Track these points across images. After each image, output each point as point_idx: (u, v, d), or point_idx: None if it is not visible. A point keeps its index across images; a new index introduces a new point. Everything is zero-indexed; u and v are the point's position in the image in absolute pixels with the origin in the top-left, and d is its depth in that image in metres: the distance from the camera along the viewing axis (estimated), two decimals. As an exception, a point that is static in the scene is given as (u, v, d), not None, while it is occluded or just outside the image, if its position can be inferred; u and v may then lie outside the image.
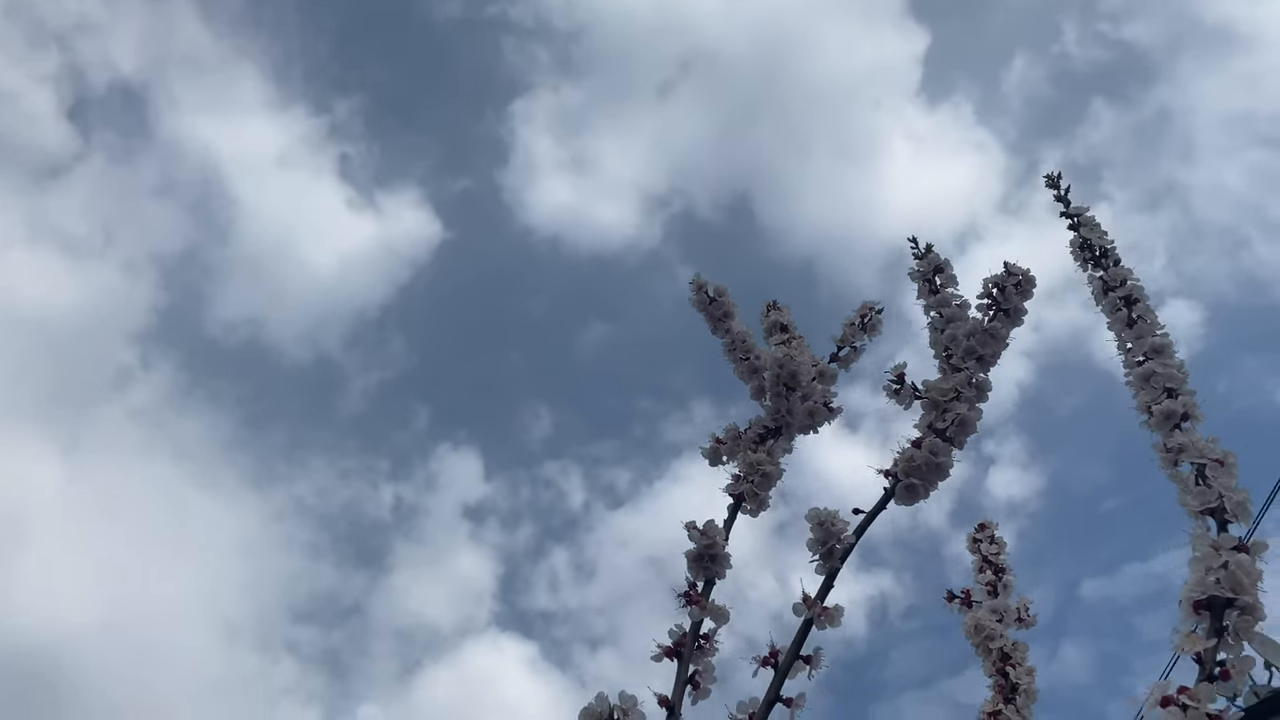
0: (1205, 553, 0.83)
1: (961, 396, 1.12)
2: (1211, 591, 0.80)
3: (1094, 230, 1.28)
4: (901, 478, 1.06)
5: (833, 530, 1.03)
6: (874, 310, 1.35)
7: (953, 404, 1.11)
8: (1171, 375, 1.04)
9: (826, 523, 1.04)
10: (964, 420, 1.10)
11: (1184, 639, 0.79)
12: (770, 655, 0.97)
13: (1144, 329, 1.13)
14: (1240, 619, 0.79)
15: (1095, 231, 1.27)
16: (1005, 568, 1.43)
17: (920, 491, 1.06)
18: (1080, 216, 1.30)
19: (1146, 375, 1.06)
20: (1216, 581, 0.81)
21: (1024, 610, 1.38)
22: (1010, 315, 1.21)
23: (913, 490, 1.06)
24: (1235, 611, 0.79)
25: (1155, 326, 1.13)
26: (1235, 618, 0.79)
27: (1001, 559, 1.45)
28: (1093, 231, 1.27)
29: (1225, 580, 0.81)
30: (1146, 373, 1.06)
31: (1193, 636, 0.79)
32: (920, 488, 1.06)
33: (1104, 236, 1.26)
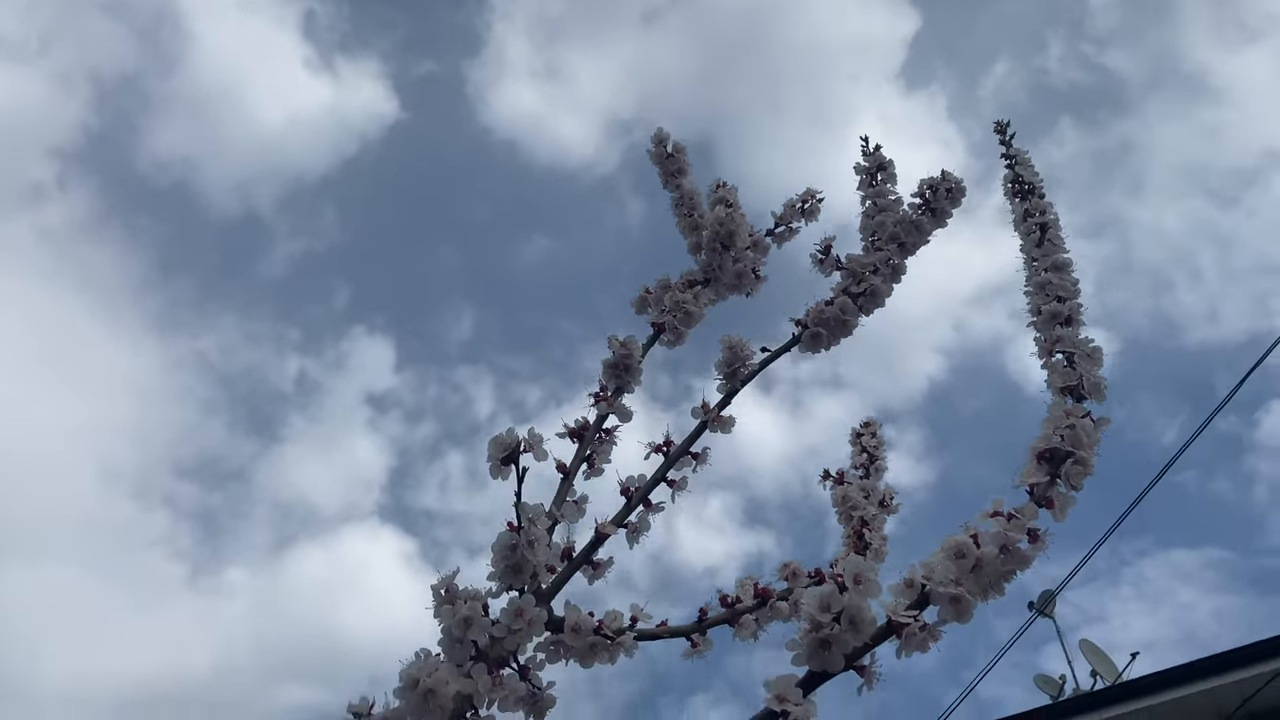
0: (1056, 415, 0.95)
1: (879, 272, 1.23)
2: (1054, 444, 0.92)
3: (1027, 169, 1.38)
4: (810, 326, 1.16)
5: (740, 355, 1.13)
6: (815, 197, 1.44)
7: (869, 276, 1.21)
8: (1064, 286, 1.15)
9: (736, 347, 1.13)
10: (875, 291, 1.20)
11: (1023, 475, 0.91)
12: (665, 444, 1.07)
13: (1050, 250, 1.24)
14: (1073, 468, 0.91)
15: (1028, 170, 1.38)
16: (879, 458, 1.55)
17: (824, 341, 1.17)
18: (1018, 157, 1.40)
19: (1043, 284, 1.17)
20: (1061, 438, 0.93)
21: (889, 497, 1.51)
22: (936, 215, 1.32)
23: (817, 339, 1.16)
24: (1071, 461, 0.91)
25: (1061, 250, 1.24)
26: (1069, 466, 0.91)
27: (879, 451, 1.57)
28: (1026, 169, 1.37)
29: (1069, 437, 0.92)
30: (1044, 281, 1.17)
31: (1031, 470, 0.90)
32: (824, 338, 1.17)
33: (1035, 175, 1.37)
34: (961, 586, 0.80)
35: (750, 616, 1.03)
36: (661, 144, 1.45)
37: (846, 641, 0.74)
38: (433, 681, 0.75)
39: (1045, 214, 1.29)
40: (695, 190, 1.44)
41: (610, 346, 1.17)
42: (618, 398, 1.14)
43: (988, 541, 0.82)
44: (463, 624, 0.80)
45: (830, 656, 0.74)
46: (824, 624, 0.74)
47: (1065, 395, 1.01)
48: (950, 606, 0.79)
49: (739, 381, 1.13)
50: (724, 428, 1.10)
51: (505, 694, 0.80)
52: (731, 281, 1.35)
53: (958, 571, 0.80)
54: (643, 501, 1.03)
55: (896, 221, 1.29)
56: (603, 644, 0.85)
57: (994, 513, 0.85)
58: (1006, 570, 0.83)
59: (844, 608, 0.74)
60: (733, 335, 1.15)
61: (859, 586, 0.75)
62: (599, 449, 1.08)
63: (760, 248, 1.39)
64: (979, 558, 0.81)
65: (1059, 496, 0.90)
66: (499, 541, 0.87)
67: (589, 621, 0.85)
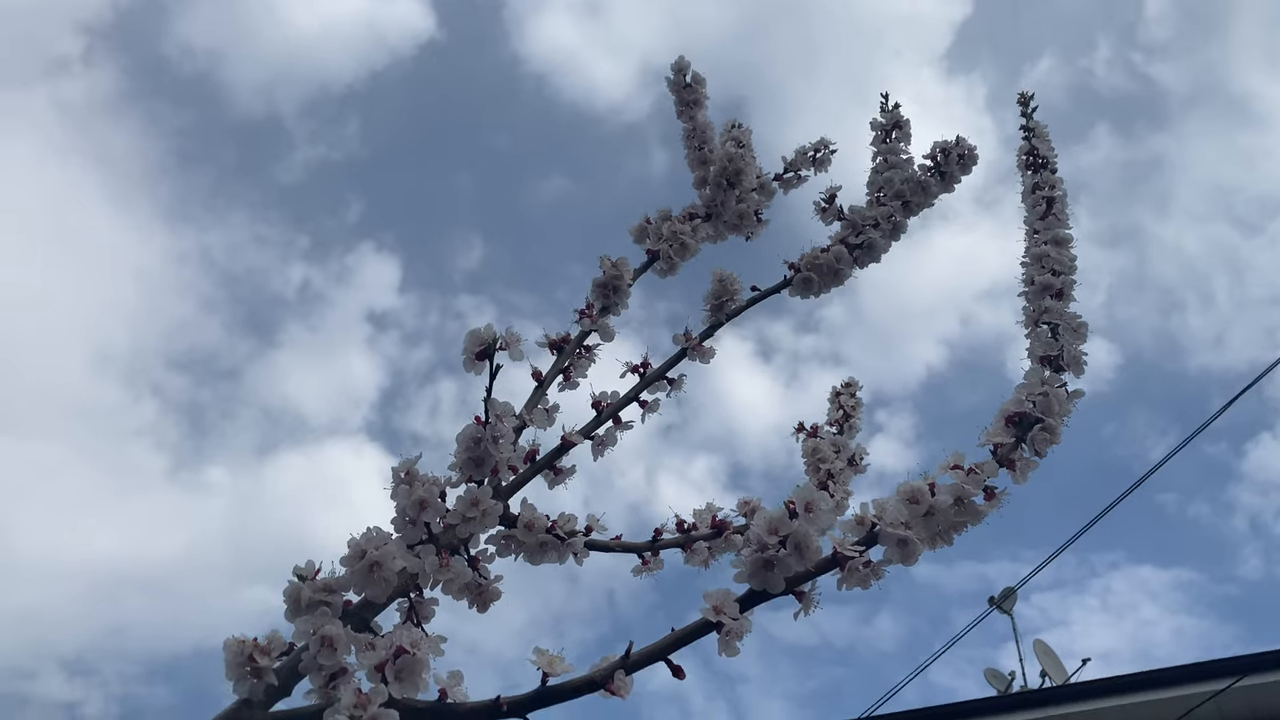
0: (1031, 382, 0.96)
1: (879, 227, 1.22)
2: (1025, 409, 0.93)
3: (1044, 143, 1.37)
4: (802, 270, 1.16)
5: (728, 288, 1.13)
6: (827, 147, 1.43)
7: (869, 230, 1.21)
8: (1061, 260, 1.15)
9: (726, 280, 1.13)
10: (873, 244, 1.20)
11: (989, 433, 0.91)
12: (642, 365, 1.07)
13: (1053, 224, 1.23)
14: (1040, 434, 0.91)
15: (1044, 144, 1.37)
16: (855, 417, 1.55)
17: (814, 287, 1.17)
18: (1036, 129, 1.39)
19: (1041, 255, 1.17)
20: (1033, 404, 0.93)
21: (859, 457, 1.52)
22: (945, 179, 1.31)
23: (808, 284, 1.16)
24: (1039, 427, 0.91)
25: (1065, 225, 1.23)
26: (1036, 431, 0.91)
27: (856, 411, 1.58)
28: (1042, 143, 1.36)
29: (1040, 404, 0.93)
30: (1042, 254, 1.17)
31: (997, 430, 0.91)
32: (815, 284, 1.17)
33: (1050, 150, 1.36)
34: (911, 530, 0.80)
35: (704, 544, 1.04)
36: (681, 72, 1.44)
37: (789, 565, 0.75)
38: (380, 555, 0.76)
39: (1054, 189, 1.29)
40: (709, 125, 1.43)
41: (601, 265, 1.17)
42: (603, 316, 1.14)
43: (943, 491, 0.83)
44: (417, 505, 0.81)
45: (772, 577, 0.75)
46: (770, 545, 0.75)
47: (1044, 365, 1.01)
48: (897, 548, 0.80)
49: (724, 315, 1.13)
50: (703, 357, 1.10)
51: (451, 577, 0.81)
52: (733, 220, 1.34)
53: (909, 515, 0.81)
54: (613, 418, 1.03)
55: (904, 180, 1.28)
56: (553, 543, 0.86)
57: (954, 465, 0.86)
58: (958, 521, 0.83)
59: (791, 532, 0.75)
60: (724, 269, 1.15)
61: (809, 514, 0.76)
62: (576, 363, 1.08)
63: (766, 191, 1.39)
64: (932, 505, 0.82)
65: (1022, 460, 0.90)
66: (463, 433, 0.88)
67: (542, 520, 0.86)
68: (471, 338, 0.91)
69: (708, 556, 1.04)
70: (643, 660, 0.72)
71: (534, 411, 0.99)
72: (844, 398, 1.60)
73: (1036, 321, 1.08)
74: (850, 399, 1.59)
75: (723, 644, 0.73)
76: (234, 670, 0.70)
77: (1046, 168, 1.33)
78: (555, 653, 0.71)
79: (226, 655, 0.70)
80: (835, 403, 1.60)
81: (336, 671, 0.72)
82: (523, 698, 0.71)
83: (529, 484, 0.95)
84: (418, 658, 0.70)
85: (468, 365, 0.91)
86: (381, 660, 0.69)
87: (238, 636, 0.71)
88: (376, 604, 0.79)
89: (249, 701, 0.70)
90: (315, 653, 0.71)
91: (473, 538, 0.86)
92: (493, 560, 0.88)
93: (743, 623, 0.75)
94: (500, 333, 0.91)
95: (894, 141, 1.37)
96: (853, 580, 0.79)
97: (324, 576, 0.78)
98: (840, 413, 1.56)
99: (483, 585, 0.86)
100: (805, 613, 0.79)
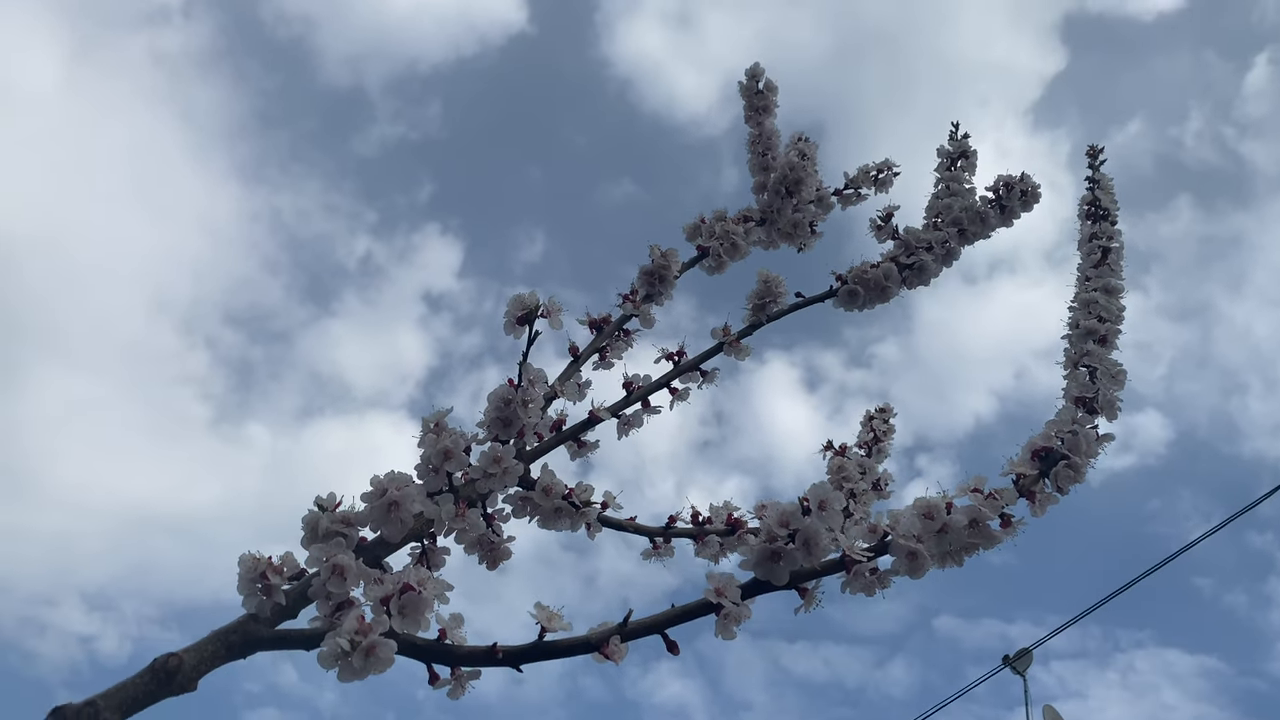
0: (1062, 419, 0.96)
1: (932, 250, 1.22)
2: (1052, 444, 0.93)
3: (1107, 194, 1.37)
4: (849, 282, 1.17)
5: (772, 290, 1.14)
6: (890, 169, 1.44)
7: (921, 252, 1.21)
8: (1108, 308, 1.15)
9: (771, 282, 1.14)
10: (924, 267, 1.20)
11: (1013, 463, 0.91)
12: (677, 354, 1.08)
13: (1106, 273, 1.23)
14: (1064, 470, 0.91)
15: (1108, 195, 1.36)
16: (885, 441, 1.55)
17: (859, 301, 1.17)
18: (1101, 181, 1.39)
19: (1089, 301, 1.16)
20: (1061, 441, 0.93)
21: (884, 482, 1.52)
22: (1004, 213, 1.31)
23: (853, 296, 1.17)
24: (1064, 463, 0.91)
25: (1117, 276, 1.23)
26: (1060, 467, 0.91)
27: (887, 436, 1.58)
28: (1106, 195, 1.36)
29: (1068, 441, 0.93)
30: (1090, 299, 1.16)
31: (1022, 461, 0.91)
32: (860, 298, 1.17)
33: (1113, 202, 1.36)
34: (922, 544, 0.81)
35: (716, 538, 1.05)
36: (754, 78, 1.45)
37: (796, 559, 0.76)
38: (400, 495, 0.78)
39: (1112, 240, 1.28)
40: (775, 133, 1.44)
41: (651, 254, 1.18)
42: (646, 303, 1.15)
43: (959, 511, 0.83)
44: (441, 455, 0.83)
45: (777, 569, 0.76)
46: (779, 537, 0.76)
47: (1078, 405, 1.01)
48: (906, 560, 0.81)
49: (765, 316, 1.14)
50: (739, 354, 1.11)
51: (465, 528, 0.83)
52: (786, 229, 1.35)
53: (922, 530, 0.82)
54: (642, 401, 1.04)
55: (964, 208, 1.28)
56: (567, 510, 0.87)
57: (974, 489, 0.86)
58: (971, 543, 0.83)
59: (801, 528, 0.76)
60: (770, 272, 1.16)
61: (821, 512, 0.77)
62: (614, 345, 1.10)
63: (824, 204, 1.40)
64: (946, 523, 0.82)
65: (1043, 494, 0.90)
66: (495, 393, 0.89)
67: (560, 486, 0.87)
68: (515, 302, 0.92)
69: (719, 551, 1.05)
70: (640, 630, 0.73)
71: (566, 385, 1.01)
72: (876, 421, 1.60)
73: (1076, 364, 1.07)
74: (883, 424, 1.59)
75: (720, 626, 0.74)
76: (246, 585, 0.73)
77: (1107, 219, 1.32)
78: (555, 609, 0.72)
79: (240, 569, 0.73)
80: (867, 425, 1.60)
81: (344, 601, 0.74)
82: (519, 648, 0.72)
83: (552, 453, 0.97)
84: (423, 596, 0.71)
85: (508, 328, 0.92)
86: (387, 594, 0.71)
87: (253, 553, 0.73)
88: (391, 544, 0.81)
89: (255, 617, 0.73)
90: (325, 580, 0.73)
91: (491, 495, 0.88)
92: (508, 520, 0.89)
93: (742, 609, 0.75)
94: (543, 300, 0.93)
95: (958, 170, 1.37)
96: (857, 585, 0.80)
97: (344, 510, 0.80)
98: (871, 435, 1.56)
99: (495, 543, 0.88)
100: (806, 609, 0.79)
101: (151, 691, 0.67)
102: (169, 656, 0.68)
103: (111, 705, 0.65)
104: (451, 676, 0.72)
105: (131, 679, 0.67)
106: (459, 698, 0.72)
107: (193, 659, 0.69)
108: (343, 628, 0.68)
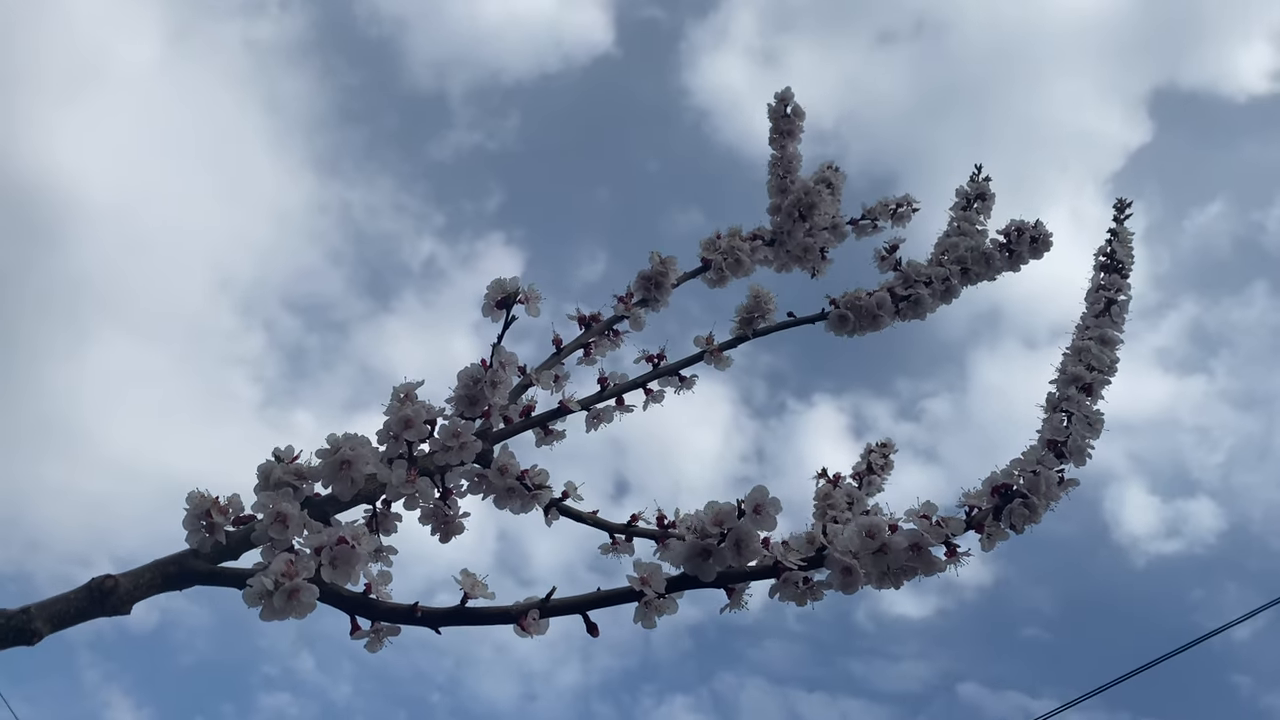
0: (1028, 458, 0.96)
1: (931, 285, 1.23)
2: (1013, 482, 0.93)
3: (1124, 248, 1.36)
4: (840, 307, 1.18)
5: (761, 305, 1.15)
6: (910, 204, 1.44)
7: (920, 286, 1.22)
8: (1100, 359, 1.14)
9: (761, 298, 1.15)
10: (919, 300, 1.21)
11: (968, 496, 0.92)
12: (658, 357, 1.10)
13: (1106, 324, 1.22)
14: (1019, 508, 0.91)
15: (1124, 249, 1.36)
16: (880, 476, 1.55)
17: (850, 326, 1.18)
18: (1120, 234, 1.38)
19: (1082, 349, 1.16)
20: (1022, 480, 0.93)
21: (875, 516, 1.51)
22: (1013, 258, 1.31)
23: (843, 321, 1.17)
24: (1020, 501, 0.91)
25: (1119, 326, 1.22)
26: (1016, 505, 0.91)
27: (883, 472, 1.57)
28: (1123, 248, 1.35)
29: (1029, 481, 0.93)
30: (1084, 347, 1.16)
31: (979, 494, 0.91)
32: (851, 323, 1.18)
33: (1129, 256, 1.35)
34: (857, 561, 0.81)
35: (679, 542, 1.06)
36: (784, 103, 1.47)
37: (725, 558, 0.77)
38: (352, 455, 0.81)
39: (1120, 293, 1.28)
40: (797, 157, 1.46)
41: (651, 260, 1.20)
42: (640, 307, 1.17)
43: (902, 534, 0.83)
44: (402, 422, 0.86)
45: (706, 566, 0.77)
46: (711, 535, 0.77)
47: (1049, 448, 1.01)
48: (839, 575, 0.81)
49: (751, 331, 1.15)
50: (720, 364, 1.12)
51: (415, 494, 0.85)
52: (797, 252, 1.37)
53: (861, 547, 0.82)
54: (616, 397, 1.06)
55: (970, 248, 1.28)
56: (520, 491, 0.89)
57: (922, 514, 0.86)
58: (910, 566, 0.84)
59: (735, 528, 0.77)
60: (762, 287, 1.17)
61: (756, 515, 0.78)
62: (599, 343, 1.12)
63: (838, 232, 1.41)
64: (886, 543, 0.82)
65: (995, 529, 0.90)
66: (465, 371, 0.92)
67: (515, 467, 0.89)
68: (495, 285, 0.95)
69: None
70: (561, 608, 0.75)
71: (543, 374, 1.03)
72: (875, 455, 1.59)
73: (1056, 407, 1.07)
74: (881, 458, 1.59)
75: (640, 613, 0.75)
76: (191, 521, 0.76)
77: (1119, 271, 1.32)
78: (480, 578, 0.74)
79: (188, 504, 0.76)
80: (865, 458, 1.60)
81: (288, 550, 0.76)
82: (439, 610, 0.74)
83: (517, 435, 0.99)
84: (355, 551, 0.74)
85: (486, 310, 0.95)
86: (322, 543, 0.74)
87: (202, 490, 0.76)
88: (341, 502, 0.83)
89: (196, 553, 0.75)
90: (268, 525, 0.76)
91: (450, 470, 0.90)
92: (465, 495, 0.91)
93: (667, 602, 0.77)
94: (523, 286, 0.95)
95: (973, 211, 1.37)
96: (786, 593, 0.80)
97: (300, 464, 0.83)
98: (866, 467, 1.56)
99: (449, 516, 0.90)
100: (732, 608, 0.80)
101: (84, 609, 0.70)
102: (105, 577, 0.71)
103: (44, 615, 0.68)
104: (371, 629, 0.75)
105: (67, 594, 0.70)
106: (376, 651, 0.75)
107: (129, 583, 0.72)
108: (270, 567, 0.70)
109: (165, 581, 0.74)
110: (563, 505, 0.97)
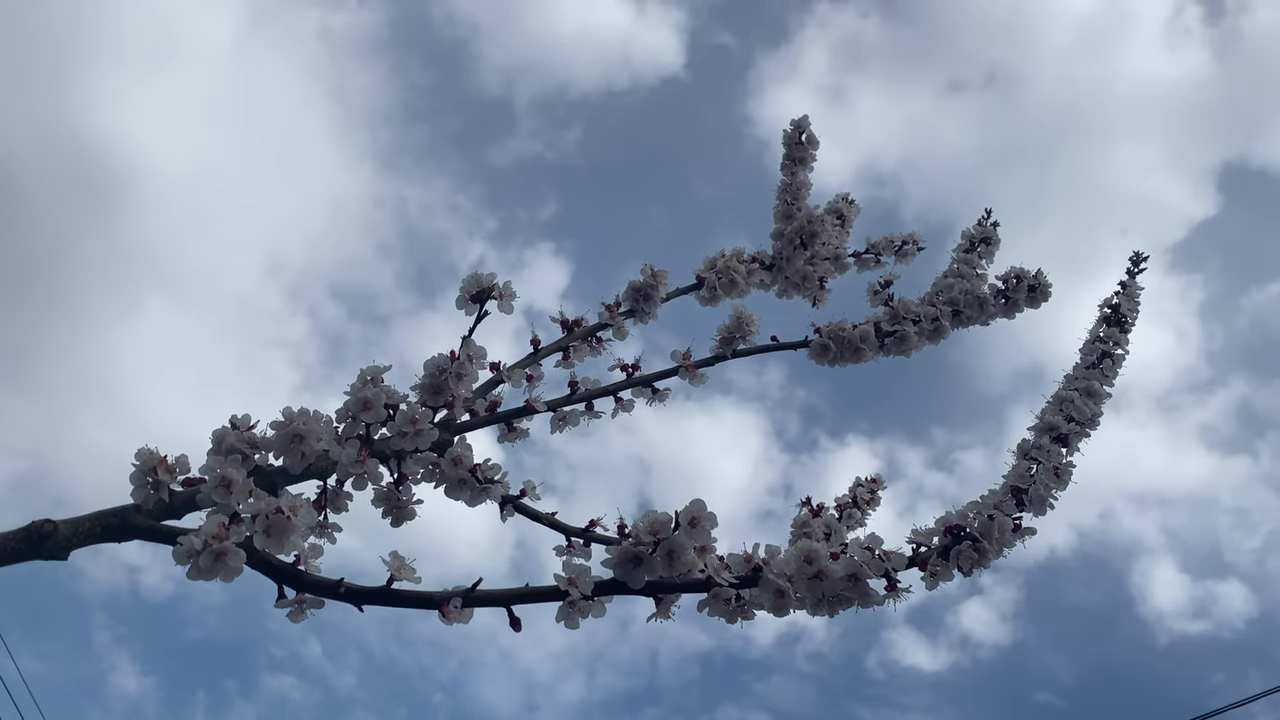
0: (986, 501, 0.95)
1: (919, 324, 1.23)
2: (965, 524, 0.92)
3: (1131, 303, 1.35)
4: (823, 336, 1.18)
5: (743, 326, 1.16)
6: (916, 243, 1.44)
7: (907, 324, 1.22)
8: (1081, 410, 1.13)
9: (744, 319, 1.16)
10: (904, 337, 1.20)
11: (916, 532, 0.91)
12: (633, 367, 1.11)
13: (1096, 376, 1.21)
14: (967, 550, 0.90)
15: (1130, 304, 1.35)
16: (864, 511, 1.54)
17: (830, 355, 1.18)
18: (1129, 289, 1.37)
19: (1065, 399, 1.15)
20: (976, 522, 0.92)
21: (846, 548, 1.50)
22: (1008, 305, 1.30)
23: (824, 350, 1.17)
24: (970, 544, 0.90)
25: (1110, 380, 1.21)
26: (965, 547, 0.90)
27: (868, 507, 1.56)
28: (1129, 303, 1.34)
29: (982, 525, 0.92)
30: (1067, 397, 1.15)
31: (929, 533, 0.90)
32: (832, 353, 1.18)
33: (1134, 311, 1.34)
34: (791, 584, 0.81)
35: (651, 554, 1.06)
36: (799, 130, 1.47)
37: (655, 568, 0.77)
38: (305, 429, 0.83)
39: (1117, 346, 1.27)
40: (806, 184, 1.46)
41: (642, 271, 1.21)
42: (625, 317, 1.18)
43: (840, 562, 0.83)
44: (360, 403, 0.87)
45: (635, 573, 0.78)
46: (644, 543, 0.77)
47: (1011, 494, 1.00)
48: (770, 596, 0.81)
49: (730, 351, 1.15)
50: (695, 381, 1.13)
51: (364, 474, 0.86)
52: (795, 279, 1.37)
53: (797, 572, 0.82)
54: (585, 402, 1.07)
55: (964, 291, 1.28)
56: (471, 483, 0.90)
57: (867, 546, 0.86)
58: (846, 596, 0.83)
59: (668, 539, 0.77)
60: (745, 308, 1.18)
61: (691, 528, 0.78)
62: (579, 348, 1.13)
63: (839, 264, 1.41)
64: (823, 570, 0.82)
65: (940, 568, 0.90)
66: (431, 360, 0.93)
67: (469, 459, 0.90)
68: (470, 280, 0.97)
69: (635, 566, 1.06)
70: (485, 600, 0.76)
71: (515, 371, 1.04)
72: (862, 490, 1.59)
73: (1026, 454, 1.06)
74: (869, 494, 1.58)
75: (563, 612, 0.76)
76: (137, 476, 0.77)
77: (1119, 326, 1.31)
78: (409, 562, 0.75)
79: (136, 460, 0.78)
80: (852, 491, 1.59)
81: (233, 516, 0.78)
82: (363, 589, 0.75)
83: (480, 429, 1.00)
84: (291, 522, 0.75)
85: (460, 303, 0.97)
86: (259, 511, 0.75)
87: (150, 447, 0.78)
88: (291, 475, 0.85)
89: (139, 508, 0.77)
90: (212, 489, 0.77)
91: (405, 456, 0.91)
92: (419, 482, 0.93)
93: (593, 605, 0.77)
94: (498, 283, 0.97)
95: (975, 254, 1.37)
96: (715, 608, 0.81)
97: (255, 433, 0.84)
98: (850, 500, 1.55)
99: (402, 501, 0.91)
100: (659, 618, 0.80)
101: (21, 550, 0.72)
102: (45, 521, 0.73)
103: (-21, 552, 0.70)
104: (295, 599, 0.76)
105: (5, 533, 0.72)
106: (299, 622, 0.76)
107: (68, 530, 0.74)
108: (203, 528, 0.72)
109: (105, 532, 0.76)
110: (520, 504, 0.97)
